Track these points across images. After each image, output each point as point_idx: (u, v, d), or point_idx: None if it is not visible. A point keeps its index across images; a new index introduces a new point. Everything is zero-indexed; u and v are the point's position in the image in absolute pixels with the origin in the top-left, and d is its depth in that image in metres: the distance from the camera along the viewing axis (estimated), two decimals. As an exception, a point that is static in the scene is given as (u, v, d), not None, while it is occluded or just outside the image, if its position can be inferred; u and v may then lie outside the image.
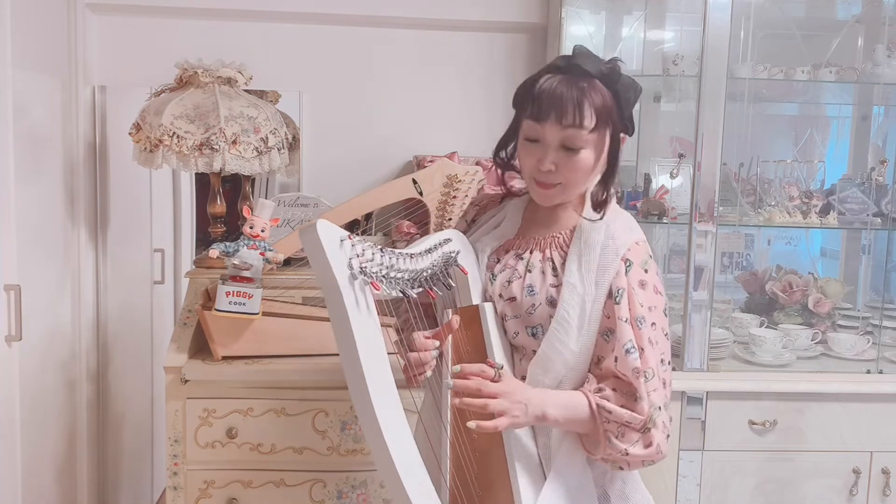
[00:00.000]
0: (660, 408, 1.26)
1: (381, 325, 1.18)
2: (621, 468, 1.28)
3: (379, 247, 1.18)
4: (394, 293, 1.20)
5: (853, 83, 2.39)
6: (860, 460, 2.17)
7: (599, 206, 1.35)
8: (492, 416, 1.19)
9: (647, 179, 2.40)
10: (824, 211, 2.35)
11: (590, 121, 1.27)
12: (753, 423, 2.15)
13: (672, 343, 2.26)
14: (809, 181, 2.57)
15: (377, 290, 1.15)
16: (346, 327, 1.10)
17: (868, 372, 2.22)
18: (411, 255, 1.24)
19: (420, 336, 1.30)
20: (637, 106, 2.69)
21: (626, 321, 1.26)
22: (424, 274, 1.26)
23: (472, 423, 1.17)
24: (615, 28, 2.58)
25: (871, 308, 2.59)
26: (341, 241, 1.13)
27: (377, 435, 1.09)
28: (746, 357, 2.29)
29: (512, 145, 1.40)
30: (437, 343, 1.31)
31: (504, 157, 1.42)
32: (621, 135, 1.34)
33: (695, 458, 2.14)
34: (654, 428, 1.24)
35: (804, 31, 2.54)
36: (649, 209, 2.26)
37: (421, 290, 1.24)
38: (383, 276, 1.17)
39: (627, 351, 1.25)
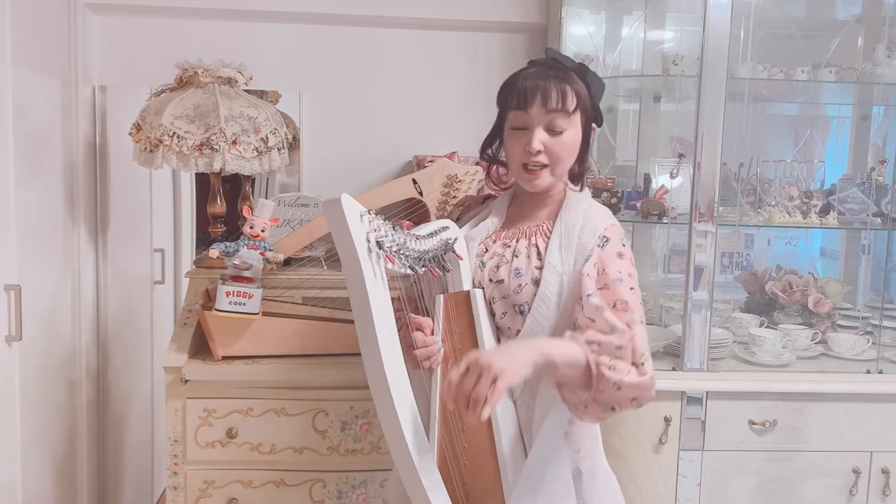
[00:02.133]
0: (643, 353, 1.31)
1: None
2: (613, 409, 1.29)
3: (392, 225, 1.29)
4: (405, 269, 1.32)
5: (853, 83, 2.38)
6: (860, 460, 2.17)
7: (577, 177, 1.51)
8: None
9: (647, 179, 2.40)
10: (824, 211, 2.35)
11: (571, 104, 1.41)
12: (753, 423, 2.15)
13: (672, 343, 2.27)
14: (809, 181, 2.57)
15: (392, 263, 1.27)
16: (363, 294, 1.22)
17: (868, 372, 2.22)
18: (417, 237, 1.36)
19: (420, 335, 1.39)
20: (636, 106, 2.72)
21: (588, 276, 1.35)
22: (428, 255, 1.37)
23: (472, 418, 1.16)
24: (615, 28, 2.58)
25: (871, 308, 2.59)
26: (361, 215, 1.24)
27: (384, 388, 1.21)
28: (746, 357, 2.29)
29: (497, 143, 1.53)
30: (438, 338, 1.41)
31: (490, 154, 1.55)
32: (592, 125, 1.50)
33: (695, 458, 2.14)
34: (647, 363, 1.30)
35: (804, 31, 2.54)
36: (649, 209, 2.25)
37: (425, 268, 1.37)
38: (395, 252, 1.28)
39: (589, 295, 1.33)
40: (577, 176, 1.52)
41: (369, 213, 1.25)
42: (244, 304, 1.93)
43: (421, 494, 1.24)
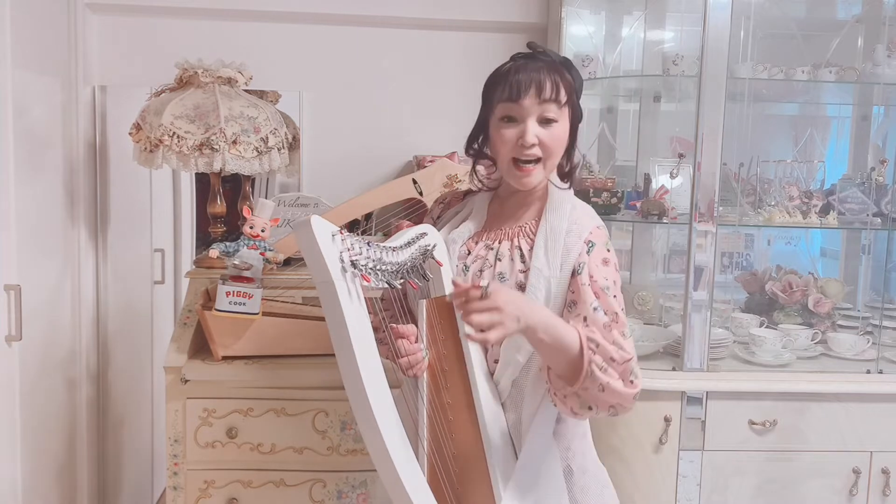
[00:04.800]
0: (633, 371, 1.31)
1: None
2: (590, 408, 1.31)
3: (366, 241, 1.25)
4: (381, 285, 1.27)
5: (853, 83, 2.38)
6: (860, 460, 2.17)
7: (566, 175, 1.48)
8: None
9: (647, 179, 2.40)
10: (824, 211, 2.35)
11: (563, 95, 1.39)
12: (753, 423, 2.15)
13: (672, 343, 2.27)
14: (809, 181, 2.57)
15: (368, 282, 1.23)
16: (338, 316, 1.17)
17: (868, 372, 2.21)
18: (394, 249, 1.32)
19: (404, 343, 1.36)
20: (636, 106, 2.72)
21: (587, 286, 1.34)
22: (406, 266, 1.33)
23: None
24: (615, 28, 2.58)
25: (871, 308, 2.59)
26: (333, 235, 1.20)
27: (369, 415, 1.18)
28: (746, 357, 2.29)
29: (481, 138, 1.50)
30: (422, 345, 1.38)
31: (476, 148, 1.52)
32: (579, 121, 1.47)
33: (695, 458, 2.14)
34: (636, 379, 1.31)
35: (804, 31, 2.54)
36: (649, 209, 2.25)
37: (403, 280, 1.32)
38: (371, 269, 1.24)
39: (595, 308, 1.33)
40: (567, 173, 1.48)
41: (341, 232, 1.21)
42: (244, 304, 1.93)
43: None
